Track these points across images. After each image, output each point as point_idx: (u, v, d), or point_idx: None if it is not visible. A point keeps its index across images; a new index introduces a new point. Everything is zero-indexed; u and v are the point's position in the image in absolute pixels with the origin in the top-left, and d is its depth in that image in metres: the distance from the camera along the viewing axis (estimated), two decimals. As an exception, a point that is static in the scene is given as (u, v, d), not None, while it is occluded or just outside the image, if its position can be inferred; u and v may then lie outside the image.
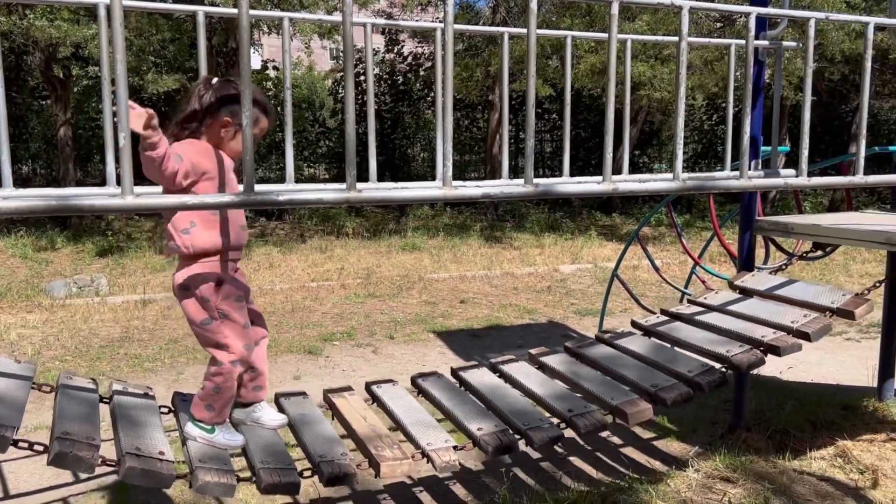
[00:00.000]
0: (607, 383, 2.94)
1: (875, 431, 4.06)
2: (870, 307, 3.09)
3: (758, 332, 3.07)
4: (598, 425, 2.64)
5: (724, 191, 2.64)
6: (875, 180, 2.88)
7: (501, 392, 2.99)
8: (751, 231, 3.80)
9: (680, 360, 3.05)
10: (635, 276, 8.81)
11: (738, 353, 2.94)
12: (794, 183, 2.70)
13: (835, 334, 6.54)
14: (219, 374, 2.45)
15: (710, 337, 3.17)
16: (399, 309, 7.11)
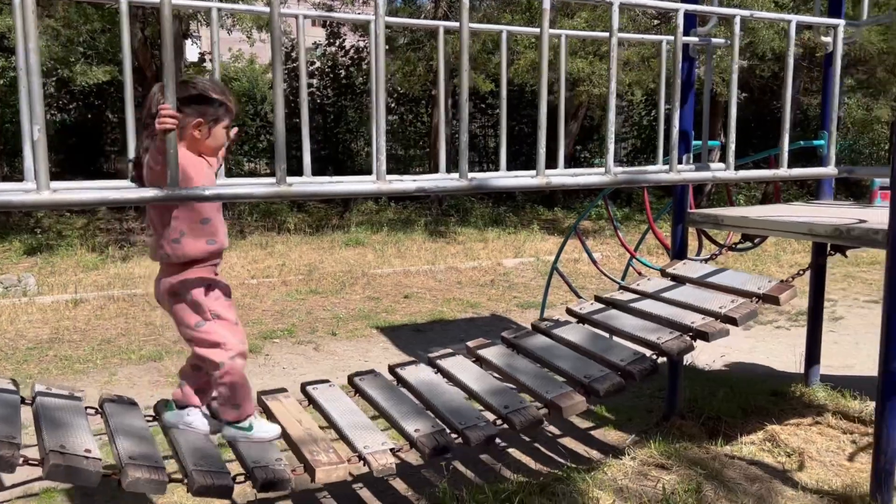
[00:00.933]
0: (542, 376, 2.97)
1: (802, 416, 4.22)
2: (794, 293, 3.20)
3: (687, 318, 3.14)
4: (534, 421, 2.67)
5: (655, 184, 2.69)
6: (798, 173, 2.99)
7: (439, 389, 2.99)
8: (683, 223, 3.90)
9: (613, 349, 3.11)
10: (576, 268, 8.93)
11: (668, 339, 3.01)
12: (721, 176, 2.77)
13: (766, 322, 6.78)
14: (226, 375, 2.46)
15: (643, 324, 3.24)
16: (342, 305, 7.06)
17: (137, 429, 2.53)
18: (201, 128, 2.39)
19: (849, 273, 8.84)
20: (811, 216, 3.58)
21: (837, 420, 4.15)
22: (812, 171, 3.05)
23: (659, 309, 3.33)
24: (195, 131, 2.38)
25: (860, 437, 3.89)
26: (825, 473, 3.51)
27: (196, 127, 2.38)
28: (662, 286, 3.57)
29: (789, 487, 3.31)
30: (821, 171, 3.05)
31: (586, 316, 3.47)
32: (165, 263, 2.45)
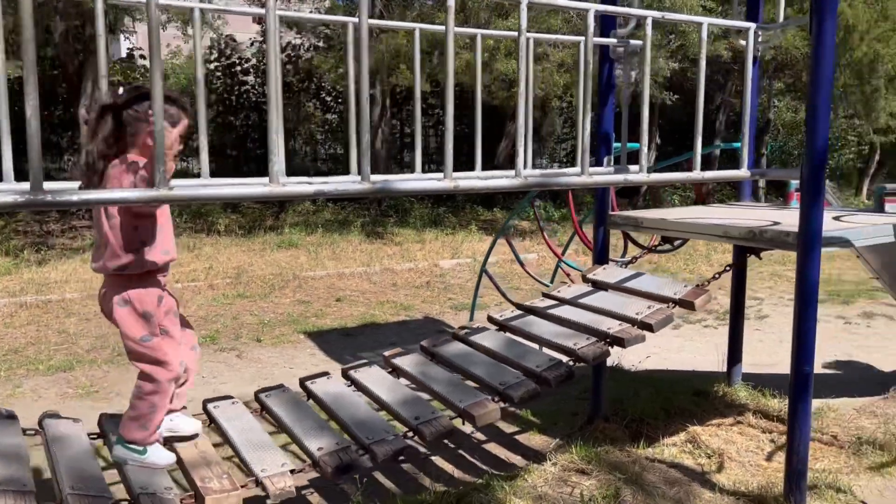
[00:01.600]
0: (456, 384, 2.89)
1: (723, 416, 4.26)
2: (708, 297, 3.21)
3: (604, 324, 3.11)
4: (444, 432, 2.58)
5: (566, 187, 2.64)
6: (711, 176, 2.99)
7: (348, 402, 2.87)
8: (605, 226, 3.88)
9: (529, 356, 3.05)
10: (512, 269, 8.92)
11: (584, 345, 2.97)
12: (634, 179, 2.74)
13: (694, 321, 6.87)
14: (155, 393, 2.43)
15: (560, 330, 3.20)
16: (270, 309, 6.86)
17: (8, 447, 2.34)
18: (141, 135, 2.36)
19: (775, 272, 9.07)
20: (728, 218, 3.60)
21: (758, 419, 4.20)
22: (725, 174, 3.05)
23: (577, 315, 3.30)
24: (149, 139, 2.30)
25: (779, 436, 3.94)
26: (743, 474, 3.53)
27: (149, 134, 2.30)
28: (582, 292, 3.55)
29: (707, 490, 3.31)
30: (733, 174, 3.06)
31: (506, 323, 3.41)
32: (116, 275, 2.40)
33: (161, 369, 2.43)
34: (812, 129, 2.82)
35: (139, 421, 2.46)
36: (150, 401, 2.44)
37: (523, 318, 3.44)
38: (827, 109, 2.81)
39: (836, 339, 6.29)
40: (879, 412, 4.45)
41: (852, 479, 3.44)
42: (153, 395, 2.43)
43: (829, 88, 2.81)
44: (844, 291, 7.96)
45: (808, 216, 2.87)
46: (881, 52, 11.51)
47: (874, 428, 4.14)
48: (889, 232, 3.27)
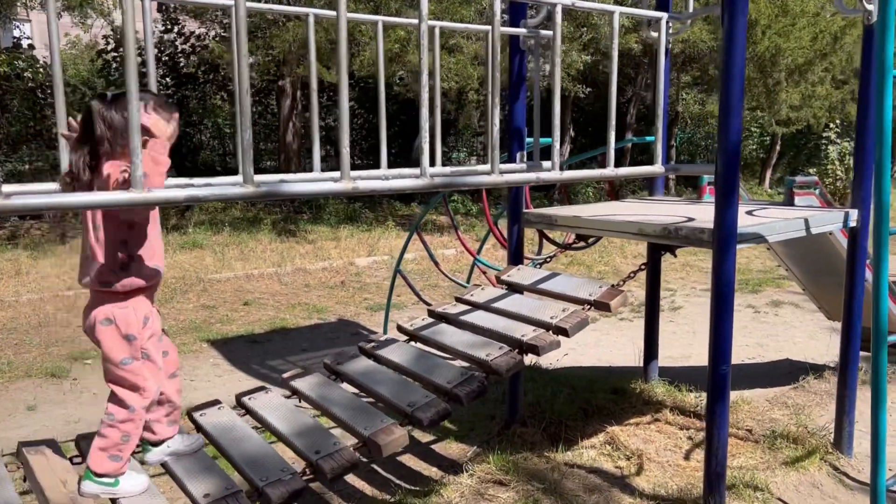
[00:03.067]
0: (361, 408, 2.66)
1: (642, 414, 4.20)
2: (624, 299, 3.10)
3: (518, 330, 2.96)
4: (348, 466, 2.35)
5: (474, 187, 2.46)
6: (625, 172, 2.87)
7: (240, 435, 2.58)
8: (519, 224, 3.73)
9: (440, 370, 2.86)
10: (431, 266, 8.75)
11: (497, 356, 2.81)
12: (545, 177, 2.58)
13: (610, 315, 6.88)
14: (130, 421, 2.32)
15: (472, 339, 3.02)
16: (171, 316, 6.43)
17: None
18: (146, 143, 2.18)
19: (687, 262, 9.23)
20: (642, 215, 3.51)
21: (675, 416, 4.17)
22: (639, 170, 2.94)
23: (491, 321, 3.13)
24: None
25: (696, 432, 3.91)
26: (662, 475, 3.46)
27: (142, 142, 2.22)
28: (496, 295, 3.39)
29: (627, 495, 3.22)
30: (648, 170, 2.95)
31: (415, 333, 3.21)
32: (101, 291, 2.28)
33: (136, 395, 2.32)
34: (725, 124, 2.73)
35: (110, 451, 2.31)
36: (124, 429, 2.31)
37: (434, 327, 3.24)
38: (739, 104, 2.74)
39: (747, 328, 6.41)
40: (791, 402, 4.51)
41: (768, 475, 3.41)
42: (127, 423, 2.31)
43: (742, 83, 2.73)
44: (753, 280, 8.16)
45: (723, 214, 2.80)
46: (782, 46, 11.92)
47: (786, 420, 4.17)
48: (800, 226, 3.25)
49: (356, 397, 2.80)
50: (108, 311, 2.28)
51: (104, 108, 2.20)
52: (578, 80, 11.21)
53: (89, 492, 2.31)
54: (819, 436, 3.81)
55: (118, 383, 2.31)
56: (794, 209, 3.63)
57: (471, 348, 2.91)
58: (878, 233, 2.59)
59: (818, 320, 6.22)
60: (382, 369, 2.95)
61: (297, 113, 12.52)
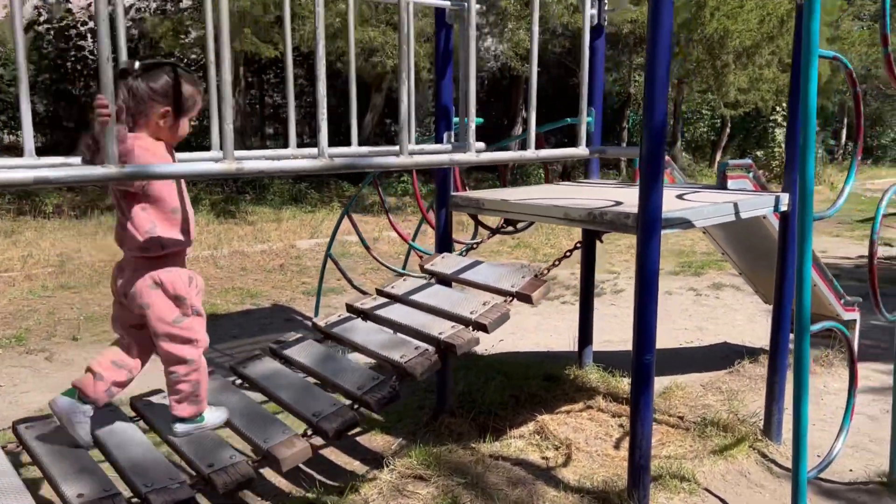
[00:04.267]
0: (261, 417, 2.48)
1: (574, 401, 4.12)
2: (547, 289, 2.98)
3: (437, 327, 2.81)
4: (242, 481, 2.17)
5: (380, 169, 2.29)
6: (547, 154, 2.73)
7: (130, 439, 2.39)
8: (447, 208, 3.58)
9: (351, 373, 2.70)
10: (376, 248, 8.57)
11: (412, 357, 2.66)
12: (459, 159, 2.43)
13: (553, 298, 6.80)
14: (194, 371, 2.43)
15: (388, 339, 2.86)
16: (96, 302, 6.13)
17: None
18: (167, 118, 2.30)
19: (632, 244, 9.18)
20: (572, 199, 3.39)
21: (608, 403, 4.10)
22: (561, 152, 2.81)
23: (410, 317, 2.98)
24: (160, 120, 2.30)
25: (628, 419, 3.82)
26: (590, 466, 3.37)
27: (162, 116, 2.29)
28: (418, 286, 3.24)
29: (551, 488, 3.12)
30: (570, 152, 2.82)
31: (328, 330, 3.05)
32: (139, 256, 2.36)
33: (191, 348, 2.41)
34: (650, 105, 2.61)
35: (188, 399, 2.45)
36: (192, 379, 2.43)
37: (350, 323, 3.08)
38: (665, 83, 2.61)
39: (688, 311, 6.40)
40: (725, 388, 4.48)
41: (696, 464, 3.36)
42: (192, 373, 2.42)
43: (668, 60, 2.61)
44: (696, 263, 8.18)
45: (648, 198, 2.68)
46: (730, 28, 11.97)
47: (719, 405, 4.13)
48: (730, 210, 3.16)
49: (257, 404, 2.62)
50: (154, 276, 2.35)
51: (130, 77, 2.22)
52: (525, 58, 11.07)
53: (183, 431, 2.46)
54: (749, 423, 3.77)
55: (174, 341, 2.38)
56: (726, 193, 3.55)
57: (385, 348, 2.76)
58: (801, 217, 2.50)
59: (758, 303, 6.23)
60: (289, 373, 2.78)
61: (239, 90, 12.13)
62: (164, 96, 2.27)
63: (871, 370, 4.82)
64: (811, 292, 4.61)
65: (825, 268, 4.46)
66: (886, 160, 24.09)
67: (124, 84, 2.20)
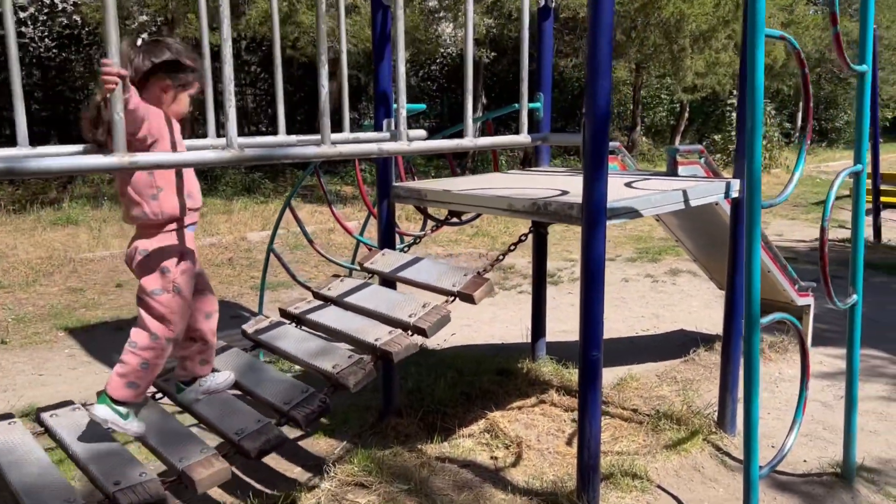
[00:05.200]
0: (179, 434, 2.30)
1: (526, 396, 4.00)
2: (489, 288, 2.82)
3: (373, 332, 2.65)
4: (151, 501, 1.99)
5: (298, 160, 2.11)
6: (485, 143, 2.57)
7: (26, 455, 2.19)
8: (388, 199, 3.41)
9: (278, 386, 2.52)
10: (330, 239, 8.36)
11: (345, 367, 2.49)
12: (388, 149, 2.26)
13: (509, 288, 6.68)
14: (151, 349, 2.37)
15: (320, 346, 2.69)
16: (30, 302, 5.84)
17: None
18: (168, 92, 2.34)
19: (591, 231, 9.14)
20: (518, 188, 3.24)
21: (561, 396, 3.99)
22: (501, 140, 2.65)
23: (345, 321, 2.82)
24: (162, 94, 2.34)
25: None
26: (541, 464, 3.25)
27: (163, 90, 2.34)
28: (355, 286, 3.07)
29: (499, 491, 2.99)
30: (511, 140, 2.67)
31: (255, 337, 2.86)
32: (142, 224, 2.38)
33: (163, 326, 2.38)
34: (592, 88, 2.46)
35: (129, 377, 2.35)
36: (144, 357, 2.36)
37: (281, 329, 2.90)
38: (607, 65, 2.47)
39: (644, 298, 6.33)
40: (680, 377, 4.41)
41: (649, 460, 3.26)
42: (148, 350, 2.36)
43: (610, 42, 2.46)
44: (654, 249, 8.13)
45: (592, 187, 2.55)
46: (686, 12, 11.93)
47: (674, 396, 4.05)
48: (679, 199, 3.05)
49: (175, 420, 2.43)
50: (144, 244, 2.38)
51: (132, 52, 2.24)
52: (483, 43, 10.90)
53: (99, 415, 2.33)
54: (704, 414, 3.70)
55: (147, 310, 2.37)
56: (676, 180, 3.44)
57: (317, 357, 2.59)
58: (749, 205, 2.39)
59: (714, 289, 6.19)
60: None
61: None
62: (165, 70, 2.30)
63: (826, 355, 4.80)
64: (764, 279, 4.58)
65: (779, 253, 4.40)
66: (840, 143, 24.50)
67: (127, 59, 2.22)
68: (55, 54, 13.56)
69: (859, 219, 2.99)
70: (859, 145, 2.94)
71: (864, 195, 3.01)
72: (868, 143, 2.88)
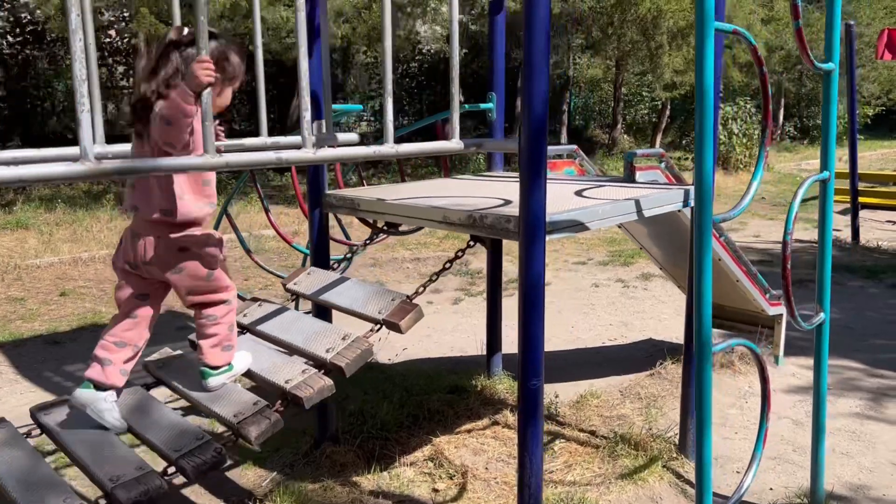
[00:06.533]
0: (44, 480, 2.01)
1: (478, 417, 3.74)
2: (418, 315, 2.54)
3: (283, 372, 2.36)
4: None
5: (172, 171, 1.83)
6: (409, 150, 2.29)
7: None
8: (320, 209, 3.13)
9: (172, 432, 2.22)
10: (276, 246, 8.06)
11: (247, 416, 2.21)
12: (287, 158, 1.98)
13: (476, 294, 6.41)
14: (230, 312, 2.48)
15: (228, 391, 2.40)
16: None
17: None
18: (214, 86, 2.12)
19: (565, 233, 8.89)
20: (461, 196, 2.98)
21: (515, 417, 3.72)
22: (428, 147, 2.38)
23: (257, 354, 2.54)
24: None
25: (533, 437, 3.47)
26: (486, 497, 2.99)
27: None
28: (274, 310, 2.79)
29: (435, 530, 2.73)
30: (439, 147, 2.40)
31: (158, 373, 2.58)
32: (160, 222, 2.31)
33: (226, 292, 2.45)
34: (528, 89, 2.20)
35: (223, 344, 2.45)
36: (228, 321, 2.46)
37: (184, 360, 2.62)
38: (544, 63, 2.21)
39: (615, 304, 6.09)
40: (644, 393, 4.16)
41: (602, 492, 3.01)
42: (228, 315, 2.46)
43: (546, 37, 2.20)
44: (626, 252, 7.89)
45: (528, 199, 2.28)
46: (664, 8, 11.71)
47: (635, 415, 3.81)
48: (631, 209, 2.79)
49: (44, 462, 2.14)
50: (179, 240, 2.32)
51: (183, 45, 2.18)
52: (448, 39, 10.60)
53: (217, 384, 2.44)
54: (665, 438, 3.45)
55: (210, 292, 2.41)
56: (632, 187, 3.18)
57: (217, 401, 2.30)
58: (699, 220, 2.13)
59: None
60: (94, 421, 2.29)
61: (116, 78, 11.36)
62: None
63: (799, 366, 4.57)
64: (733, 288, 4.34)
65: (748, 261, 4.16)
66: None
67: (177, 52, 2.18)
68: (17, 51, 13.15)
69: (827, 230, 2.74)
70: (826, 150, 2.69)
71: (831, 204, 2.76)
72: (835, 147, 2.63)
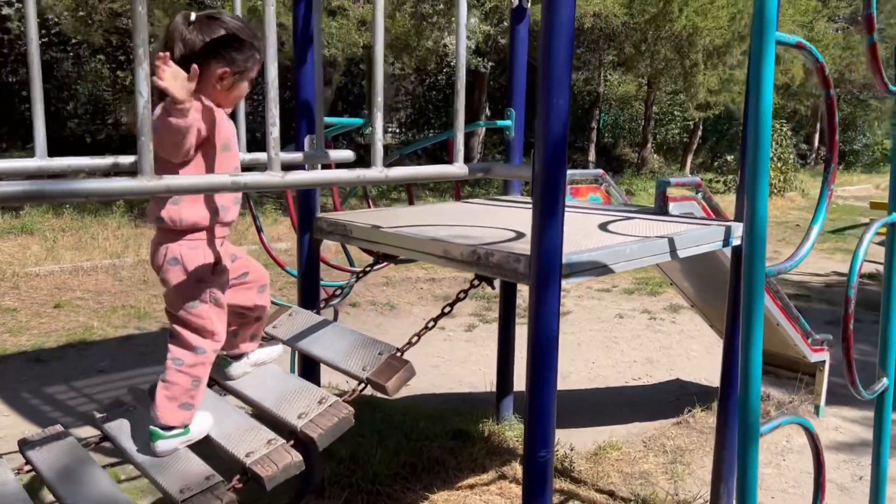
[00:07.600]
0: None
1: (483, 469, 3.36)
2: (408, 374, 2.16)
3: (246, 443, 1.99)
4: None
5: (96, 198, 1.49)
6: (401, 175, 1.93)
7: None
8: (310, 234, 2.79)
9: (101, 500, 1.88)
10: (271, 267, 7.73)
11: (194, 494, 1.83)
12: (245, 182, 1.63)
13: (491, 321, 6.02)
14: (200, 365, 2.13)
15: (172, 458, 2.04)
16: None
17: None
18: (225, 79, 2.03)
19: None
20: (466, 226, 2.61)
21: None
22: (425, 172, 2.02)
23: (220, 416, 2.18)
24: (217, 83, 2.03)
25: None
26: (484, 571, 2.61)
27: (220, 78, 2.02)
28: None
29: None
30: (441, 171, 2.04)
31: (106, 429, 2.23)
32: (164, 228, 2.09)
33: (207, 340, 2.13)
34: (544, 110, 1.84)
35: (180, 399, 2.09)
36: (194, 374, 2.11)
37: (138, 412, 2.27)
38: (566, 74, 1.84)
39: (639, 338, 5.67)
40: (670, 445, 3.75)
41: (618, 573, 2.61)
42: (196, 367, 2.12)
43: (569, 47, 1.84)
44: (653, 280, 7.46)
45: (542, 237, 1.92)
46: (700, 25, 11.28)
47: (660, 472, 3.41)
48: (663, 249, 2.40)
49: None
50: (175, 250, 2.08)
51: (185, 30, 1.98)
52: (484, 52, 10.29)
53: (166, 449, 2.07)
54: (692, 504, 3.04)
55: (186, 327, 2.11)
56: (665, 221, 2.79)
57: (165, 470, 1.95)
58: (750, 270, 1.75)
59: (716, 331, 5.54)
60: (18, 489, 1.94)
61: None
62: (220, 54, 2.00)
63: (842, 419, 4.13)
64: (773, 332, 3.91)
65: (789, 304, 3.74)
66: (858, 166, 23.72)
67: (181, 36, 1.96)
68: (41, 53, 13.03)
69: (892, 282, 2.33)
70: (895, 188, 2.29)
71: (900, 252, 2.35)
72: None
